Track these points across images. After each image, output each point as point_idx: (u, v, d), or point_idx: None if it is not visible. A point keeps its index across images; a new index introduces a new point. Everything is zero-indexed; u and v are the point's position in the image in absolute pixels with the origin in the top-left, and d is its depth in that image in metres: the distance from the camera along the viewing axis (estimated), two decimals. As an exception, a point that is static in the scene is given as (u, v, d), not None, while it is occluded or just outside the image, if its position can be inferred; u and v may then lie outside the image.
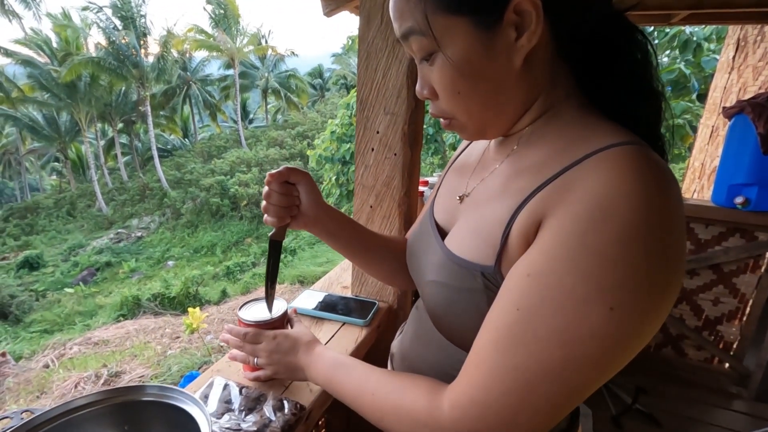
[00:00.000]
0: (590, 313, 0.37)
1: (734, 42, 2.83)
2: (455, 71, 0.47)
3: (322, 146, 9.37)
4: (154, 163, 21.36)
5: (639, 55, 0.46)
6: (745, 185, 1.87)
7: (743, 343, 2.14)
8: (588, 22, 0.46)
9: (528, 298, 0.40)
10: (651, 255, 0.37)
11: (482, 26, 0.44)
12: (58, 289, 13.29)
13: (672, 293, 0.39)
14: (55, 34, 20.94)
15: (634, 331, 0.38)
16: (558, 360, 0.39)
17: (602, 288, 0.37)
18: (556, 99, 0.50)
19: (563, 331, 0.38)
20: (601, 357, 0.38)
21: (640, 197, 0.37)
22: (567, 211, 0.40)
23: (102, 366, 6.07)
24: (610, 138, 0.42)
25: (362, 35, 0.83)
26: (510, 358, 0.41)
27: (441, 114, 0.53)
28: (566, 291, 0.38)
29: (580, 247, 0.38)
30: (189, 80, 23.64)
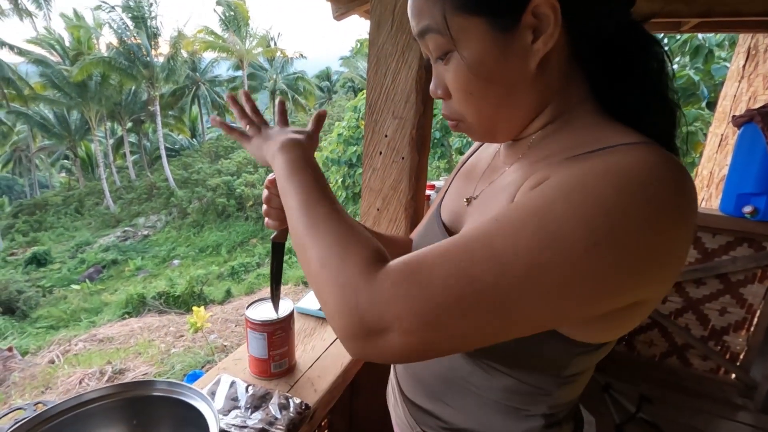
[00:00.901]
0: (571, 239, 0.35)
1: (744, 50, 2.82)
2: (469, 71, 0.47)
3: (329, 148, 9.40)
4: (162, 162, 21.54)
5: (655, 65, 0.46)
6: (753, 194, 1.86)
7: (750, 353, 2.12)
8: (605, 28, 0.46)
9: (510, 214, 0.38)
10: (652, 218, 0.35)
11: (499, 28, 0.44)
12: (64, 286, 13.42)
13: (663, 269, 0.37)
14: (68, 33, 21.23)
15: (610, 283, 0.36)
16: (514, 279, 0.35)
17: (591, 222, 0.35)
18: (570, 104, 0.49)
19: (534, 249, 0.35)
20: (566, 289, 0.35)
21: (651, 169, 0.36)
22: (570, 168, 0.40)
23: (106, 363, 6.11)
24: (625, 139, 0.42)
25: (372, 40, 0.85)
26: (465, 255, 0.37)
27: (452, 114, 0.53)
28: (552, 214, 0.36)
29: (578, 187, 0.37)
30: (198, 81, 23.84)
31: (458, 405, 0.57)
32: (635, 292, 0.38)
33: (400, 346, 0.37)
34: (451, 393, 0.57)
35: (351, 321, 0.39)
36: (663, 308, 2.24)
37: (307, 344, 0.86)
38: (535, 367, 0.51)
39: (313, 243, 0.45)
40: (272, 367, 0.76)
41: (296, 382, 0.75)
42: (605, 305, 0.38)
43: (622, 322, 0.46)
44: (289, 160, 0.54)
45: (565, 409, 0.56)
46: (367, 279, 0.39)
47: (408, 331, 0.37)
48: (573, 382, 0.53)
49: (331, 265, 0.42)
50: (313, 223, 0.46)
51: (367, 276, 0.39)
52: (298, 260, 0.47)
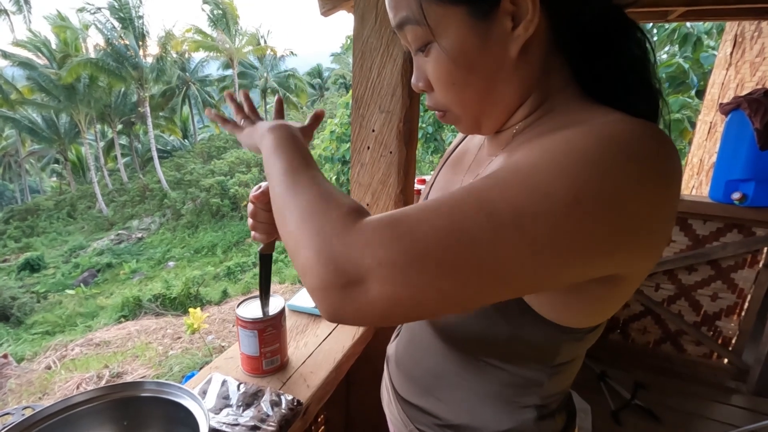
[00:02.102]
0: (555, 194, 0.34)
1: (731, 38, 2.84)
2: (450, 62, 0.46)
3: (322, 146, 9.38)
4: (154, 164, 21.37)
5: (637, 52, 0.46)
6: (742, 181, 1.88)
7: (742, 338, 2.15)
8: (586, 14, 0.45)
9: (494, 174, 0.38)
10: (638, 178, 0.35)
11: (477, 15, 0.43)
12: (59, 291, 13.32)
13: (649, 228, 0.37)
14: (54, 35, 20.94)
15: (591, 241, 0.35)
16: (505, 223, 0.34)
17: (574, 178, 0.35)
18: (552, 90, 0.49)
19: (521, 201, 0.35)
20: (547, 243, 0.35)
21: (634, 131, 0.36)
22: (555, 132, 0.40)
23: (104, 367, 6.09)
24: (609, 117, 0.41)
25: (357, 34, 0.84)
26: (448, 207, 0.36)
27: (436, 106, 0.52)
28: (537, 168, 0.36)
29: (563, 143, 0.37)
30: (188, 81, 23.64)
31: (451, 400, 0.57)
32: (618, 255, 0.37)
33: (378, 297, 0.35)
34: (444, 388, 0.58)
35: (326, 269, 0.36)
36: (656, 296, 2.26)
37: (299, 341, 0.86)
38: (525, 357, 0.51)
39: (292, 203, 0.43)
40: (264, 364, 0.76)
41: (289, 379, 0.75)
42: (589, 265, 0.37)
43: (604, 304, 0.46)
44: (277, 137, 0.54)
45: (557, 399, 0.56)
46: (345, 225, 0.37)
47: (387, 279, 0.35)
48: (563, 371, 0.53)
49: (308, 220, 0.40)
50: (293, 185, 0.45)
51: (345, 223, 0.38)
52: (277, 226, 0.45)
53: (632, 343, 2.37)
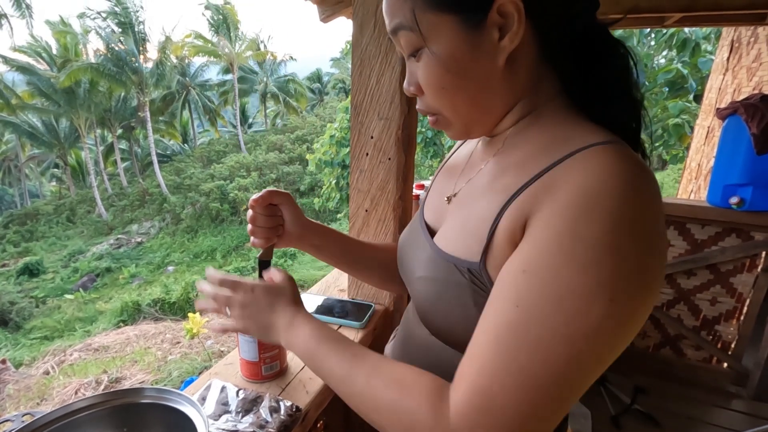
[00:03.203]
0: (592, 306, 0.37)
1: (728, 43, 2.86)
2: (440, 67, 0.48)
3: (322, 150, 9.40)
4: (153, 168, 21.40)
5: (620, 66, 0.48)
6: (739, 185, 1.88)
7: (741, 342, 2.15)
8: (571, 29, 0.48)
9: (527, 295, 0.40)
10: (639, 241, 0.38)
11: (467, 25, 0.46)
12: (58, 296, 13.29)
13: (658, 281, 0.40)
14: (55, 40, 21.02)
15: (632, 319, 0.39)
16: (563, 358, 0.38)
17: (600, 281, 0.37)
18: (540, 100, 0.51)
19: (566, 328, 0.38)
20: (604, 350, 0.39)
21: (622, 191, 0.38)
22: (554, 206, 0.41)
23: (102, 372, 6.06)
24: (592, 137, 0.44)
25: (356, 42, 0.85)
26: (513, 361, 0.39)
27: (427, 110, 0.54)
28: (565, 285, 0.38)
29: (573, 239, 0.38)
30: (188, 85, 23.72)
31: None
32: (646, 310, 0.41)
33: None
34: None
35: None
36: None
37: (299, 347, 0.86)
38: None
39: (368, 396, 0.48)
40: (263, 370, 0.76)
41: (288, 385, 0.75)
42: (632, 336, 0.41)
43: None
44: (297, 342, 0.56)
45: None
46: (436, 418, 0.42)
47: None
48: None
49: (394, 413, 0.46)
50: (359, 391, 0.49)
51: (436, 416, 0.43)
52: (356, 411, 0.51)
53: (632, 347, 2.37)
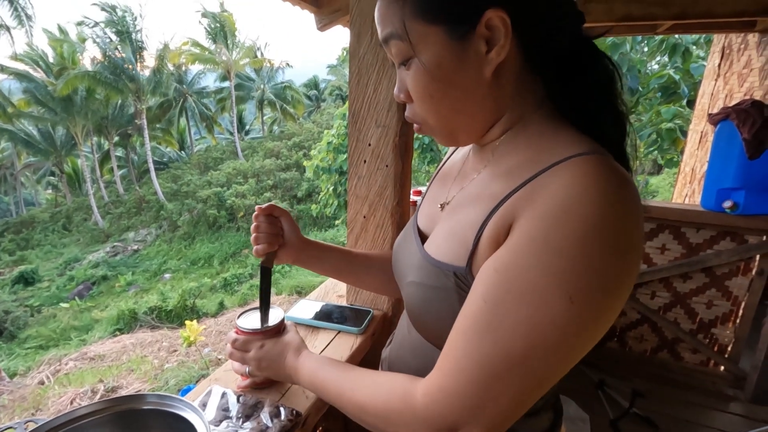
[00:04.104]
0: (552, 304, 0.40)
1: (719, 50, 2.90)
2: (428, 76, 0.49)
3: (319, 156, 9.42)
4: (150, 175, 21.35)
5: (605, 78, 0.50)
6: (732, 189, 1.91)
7: (738, 345, 2.16)
8: (557, 42, 0.49)
9: (494, 291, 0.43)
10: (608, 252, 0.40)
11: (455, 36, 0.47)
12: (53, 304, 13.18)
13: (625, 291, 0.42)
14: (51, 48, 21.04)
15: (591, 322, 0.41)
16: (521, 349, 0.41)
17: (562, 282, 0.39)
18: (526, 111, 0.52)
19: (526, 322, 0.41)
20: (563, 346, 0.41)
21: (597, 199, 0.40)
22: (533, 213, 0.43)
23: (98, 381, 6.01)
24: (575, 148, 0.45)
25: (353, 51, 0.87)
26: (476, 348, 0.43)
27: (414, 117, 0.56)
28: (529, 284, 0.41)
29: (544, 244, 0.41)
30: (185, 93, 23.75)
31: None
32: (609, 316, 0.42)
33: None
34: None
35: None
36: (651, 303, 2.28)
37: (298, 352, 0.87)
38: None
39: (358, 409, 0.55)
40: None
41: (288, 390, 0.76)
42: (594, 338, 0.43)
43: None
44: (303, 380, 0.65)
45: (543, 398, 0.58)
46: (412, 410, 0.48)
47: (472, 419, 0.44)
48: None
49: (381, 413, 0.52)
50: (347, 400, 0.57)
51: (412, 407, 0.48)
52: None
53: (630, 351, 2.37)
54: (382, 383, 0.54)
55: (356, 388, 0.56)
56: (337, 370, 0.61)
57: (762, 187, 1.85)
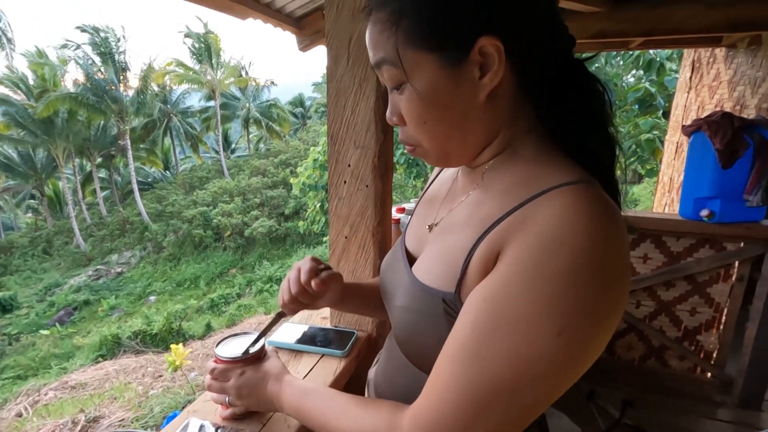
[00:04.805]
0: (539, 336, 0.40)
1: (690, 63, 3.02)
2: (422, 102, 0.49)
3: (305, 174, 9.41)
4: (134, 196, 21.04)
5: (597, 104, 0.50)
6: (708, 198, 1.95)
7: (723, 351, 2.19)
8: (549, 67, 0.50)
9: (482, 320, 0.43)
10: (595, 285, 0.40)
11: (449, 63, 0.47)
12: (32, 332, 12.73)
13: (613, 321, 0.42)
14: (32, 71, 20.81)
15: (579, 354, 0.41)
16: (509, 379, 0.41)
17: (550, 314, 0.39)
18: (517, 134, 0.53)
19: (514, 352, 0.40)
20: (550, 377, 0.41)
21: (587, 232, 0.40)
22: (523, 242, 0.43)
23: (79, 411, 5.77)
24: (565, 176, 0.45)
25: (330, 74, 0.87)
26: (463, 377, 0.42)
27: (408, 140, 0.56)
28: (518, 314, 0.41)
29: (533, 275, 0.41)
30: (170, 113, 23.64)
31: None
32: (597, 348, 0.42)
33: None
34: None
35: None
36: (637, 312, 2.30)
37: (281, 378, 0.85)
38: None
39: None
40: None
41: (269, 420, 0.74)
42: (581, 370, 0.42)
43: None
44: (286, 406, 0.64)
45: None
46: None
47: None
48: None
49: None
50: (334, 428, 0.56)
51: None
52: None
53: (618, 360, 2.38)
54: (367, 412, 0.54)
55: (342, 418, 0.55)
56: (321, 397, 0.60)
57: (736, 195, 1.90)
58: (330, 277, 0.70)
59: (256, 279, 13.94)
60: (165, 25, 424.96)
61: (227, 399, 0.69)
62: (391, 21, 0.48)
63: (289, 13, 1.98)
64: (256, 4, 1.77)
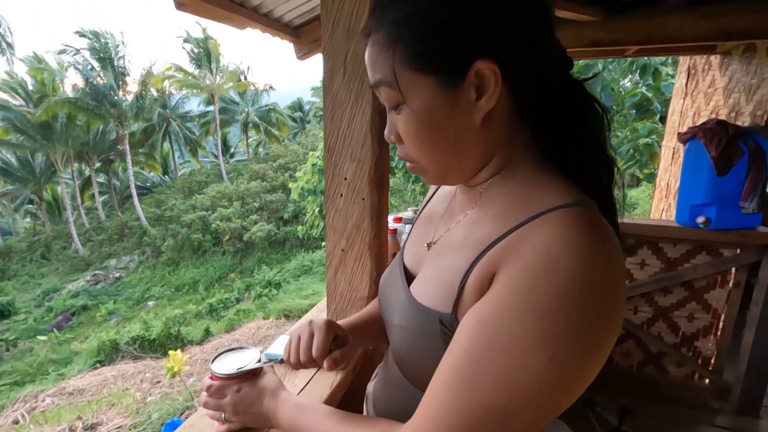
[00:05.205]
0: (531, 361, 0.40)
1: (685, 70, 3.04)
2: (418, 123, 0.50)
3: (304, 178, 9.41)
4: (133, 201, 21.02)
5: (595, 124, 0.51)
6: (704, 205, 1.96)
7: (720, 357, 2.19)
8: (546, 89, 0.50)
9: (476, 343, 0.43)
10: (588, 310, 0.40)
11: (445, 86, 0.48)
12: (30, 337, 12.68)
13: (606, 346, 0.42)
14: (31, 77, 20.85)
15: (571, 379, 0.41)
16: (501, 403, 0.41)
17: (543, 339, 0.40)
18: (514, 155, 0.53)
19: (506, 377, 0.41)
20: (542, 401, 0.41)
21: (579, 257, 0.40)
22: (517, 265, 0.43)
23: (77, 418, 5.75)
24: (560, 198, 0.46)
25: (326, 88, 0.88)
26: (456, 399, 0.43)
27: (406, 158, 0.56)
28: (511, 338, 0.41)
29: (526, 300, 0.41)
30: (169, 117, 23.67)
31: None
32: (589, 374, 0.42)
33: None
34: None
35: None
36: (635, 318, 2.30)
37: (278, 391, 0.85)
38: None
39: None
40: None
41: (266, 435, 0.74)
42: (573, 395, 0.43)
43: None
44: (282, 422, 0.64)
45: None
46: None
47: None
48: None
49: None
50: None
51: None
52: None
53: (617, 367, 2.38)
54: (361, 430, 0.54)
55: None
56: (316, 415, 0.60)
57: (732, 202, 1.91)
58: (343, 356, 0.69)
59: (255, 283, 13.91)
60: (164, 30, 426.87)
61: (223, 415, 0.69)
62: (389, 44, 0.49)
63: (287, 23, 1.99)
64: (253, 14, 1.78)
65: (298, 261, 15.11)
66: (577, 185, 0.49)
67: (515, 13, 0.47)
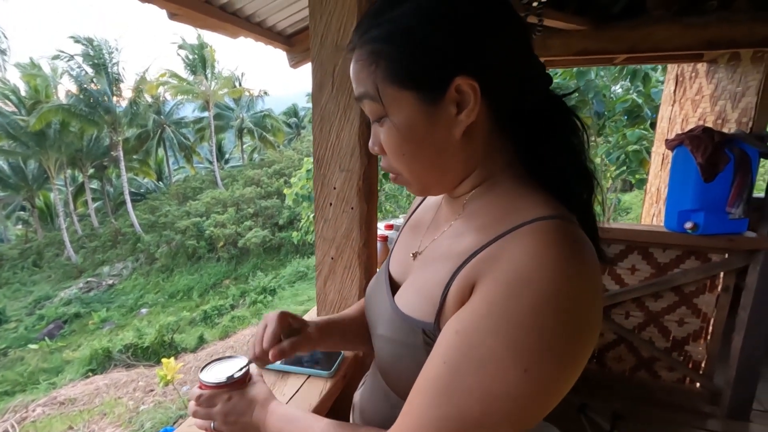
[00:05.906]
0: (507, 373, 0.41)
1: (674, 77, 3.09)
2: (400, 136, 0.51)
3: (299, 184, 9.41)
4: (126, 207, 20.89)
5: (574, 139, 0.52)
6: (692, 211, 1.99)
7: (711, 361, 2.21)
8: (525, 104, 0.52)
9: (454, 354, 0.44)
10: (563, 323, 0.41)
11: (426, 101, 0.49)
12: (21, 346, 12.53)
13: (582, 358, 0.43)
14: (24, 82, 20.74)
15: (546, 390, 0.42)
16: (477, 413, 0.42)
17: (518, 351, 0.40)
18: (496, 168, 0.55)
19: (483, 388, 0.41)
20: (516, 413, 0.41)
21: (556, 270, 0.41)
22: (493, 278, 0.44)
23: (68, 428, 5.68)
24: (539, 211, 0.47)
25: (315, 100, 0.90)
26: (434, 408, 0.43)
27: (389, 169, 0.58)
28: (487, 350, 0.42)
29: (502, 312, 0.42)
30: (163, 123, 23.60)
31: None
32: (565, 385, 0.43)
33: None
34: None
35: None
36: (626, 323, 2.32)
37: (267, 400, 0.85)
38: None
39: None
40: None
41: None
42: (548, 406, 0.43)
43: None
44: (270, 429, 0.63)
45: None
46: None
47: None
48: None
49: None
50: None
51: None
52: None
53: (609, 372, 2.40)
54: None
55: None
56: (304, 424, 0.61)
57: (719, 208, 1.94)
58: (292, 346, 0.68)
59: (250, 290, 13.84)
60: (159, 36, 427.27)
61: (212, 425, 0.69)
62: (371, 60, 0.50)
63: (279, 32, 2.01)
64: (246, 23, 1.80)
65: (293, 267, 15.06)
66: (557, 199, 0.50)
67: (494, 32, 0.49)
